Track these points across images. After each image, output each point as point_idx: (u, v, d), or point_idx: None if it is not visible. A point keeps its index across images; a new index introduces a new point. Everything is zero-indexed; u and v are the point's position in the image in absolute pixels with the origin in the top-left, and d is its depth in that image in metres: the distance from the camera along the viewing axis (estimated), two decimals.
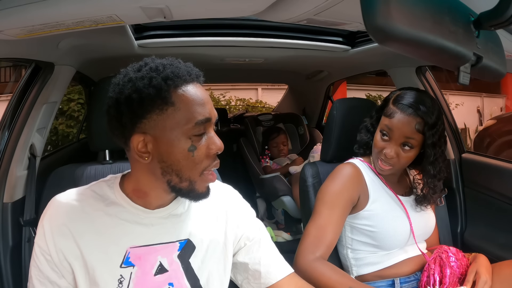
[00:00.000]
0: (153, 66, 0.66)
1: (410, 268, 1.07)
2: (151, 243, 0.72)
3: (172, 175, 0.68)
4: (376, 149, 1.06)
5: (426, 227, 1.11)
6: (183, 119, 0.65)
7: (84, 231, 0.69)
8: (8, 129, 1.15)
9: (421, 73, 1.55)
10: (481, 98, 8.75)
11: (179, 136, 0.66)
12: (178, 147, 0.66)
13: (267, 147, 2.61)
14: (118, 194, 0.72)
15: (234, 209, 0.83)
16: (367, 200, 1.07)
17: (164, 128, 0.65)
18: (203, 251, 0.76)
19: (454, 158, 1.51)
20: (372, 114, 1.13)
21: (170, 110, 0.65)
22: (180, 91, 0.66)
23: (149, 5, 0.72)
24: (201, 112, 0.66)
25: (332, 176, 1.09)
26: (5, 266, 1.06)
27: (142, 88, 0.64)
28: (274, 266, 0.82)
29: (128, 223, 0.71)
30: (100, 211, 0.71)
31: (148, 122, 0.65)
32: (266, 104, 7.40)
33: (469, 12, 0.51)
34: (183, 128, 0.65)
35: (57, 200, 0.72)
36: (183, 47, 1.56)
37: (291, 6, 0.75)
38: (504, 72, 0.58)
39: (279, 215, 2.32)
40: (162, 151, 0.66)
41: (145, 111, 0.64)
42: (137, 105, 0.64)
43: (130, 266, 0.70)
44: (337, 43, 1.68)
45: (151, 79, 0.64)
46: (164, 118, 0.65)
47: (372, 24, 0.40)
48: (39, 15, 0.69)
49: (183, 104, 0.65)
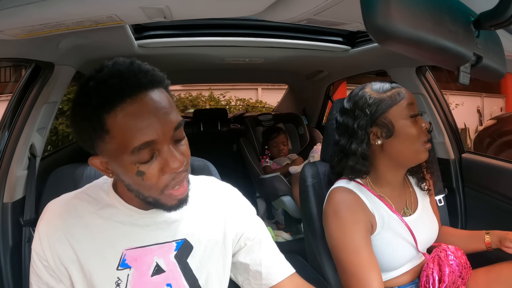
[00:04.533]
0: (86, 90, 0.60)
1: (411, 276, 1.06)
2: (146, 244, 0.71)
3: (135, 192, 0.66)
4: (422, 136, 0.95)
5: (431, 236, 1.09)
6: (119, 147, 0.60)
7: (79, 235, 0.69)
8: (8, 129, 1.15)
9: (421, 73, 1.55)
10: (481, 98, 8.74)
11: (124, 163, 0.61)
12: (127, 172, 0.62)
13: (267, 147, 2.61)
14: (112, 196, 0.72)
15: (233, 208, 0.82)
16: (375, 227, 0.99)
17: (109, 154, 0.62)
18: (201, 251, 0.75)
19: (454, 158, 1.51)
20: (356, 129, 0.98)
21: (107, 138, 0.60)
22: (112, 115, 0.58)
23: (149, 5, 0.72)
24: (138, 138, 0.58)
25: (334, 212, 0.97)
26: (5, 266, 1.06)
27: (78, 121, 0.61)
28: (275, 266, 0.81)
29: (122, 225, 0.71)
30: (94, 214, 0.71)
31: (98, 147, 0.63)
32: (266, 104, 7.40)
33: (469, 12, 0.51)
34: (122, 156, 0.60)
35: (52, 205, 0.72)
36: (183, 47, 1.56)
37: (291, 6, 0.75)
38: (504, 72, 0.58)
39: (279, 215, 2.32)
40: (117, 172, 0.65)
41: (91, 138, 0.62)
42: (81, 135, 0.63)
43: (126, 268, 0.69)
44: (337, 43, 1.68)
45: (83, 110, 0.60)
46: (105, 145, 0.61)
47: (372, 24, 0.40)
48: (39, 15, 0.69)
49: (117, 131, 0.59)
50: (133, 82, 0.59)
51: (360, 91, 1.01)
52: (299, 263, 1.26)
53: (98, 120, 0.59)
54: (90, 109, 0.59)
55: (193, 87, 7.41)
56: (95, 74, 0.61)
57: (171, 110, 0.62)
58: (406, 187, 1.10)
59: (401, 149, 0.96)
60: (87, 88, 0.60)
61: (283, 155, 2.56)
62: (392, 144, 0.97)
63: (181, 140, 0.65)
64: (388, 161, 1.00)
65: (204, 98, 7.50)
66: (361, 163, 0.98)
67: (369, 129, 0.97)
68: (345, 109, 1.02)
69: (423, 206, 1.09)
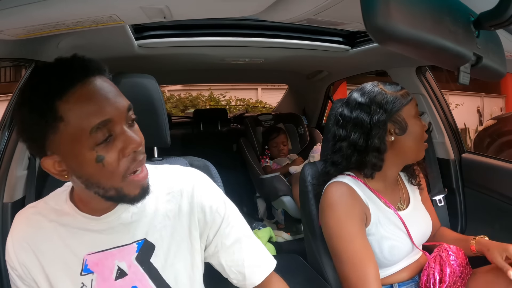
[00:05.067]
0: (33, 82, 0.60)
1: (410, 273, 1.06)
2: (106, 248, 0.71)
3: (94, 188, 0.63)
4: (424, 135, 1.01)
5: (426, 231, 1.10)
6: (76, 132, 0.58)
7: (41, 244, 0.70)
8: (8, 129, 1.15)
9: (421, 73, 1.55)
10: (481, 98, 8.75)
11: (81, 150, 0.59)
12: (85, 162, 0.60)
13: (267, 147, 2.61)
14: (68, 204, 0.72)
15: (198, 199, 0.75)
16: (370, 221, 1.00)
17: (64, 146, 0.60)
18: (164, 249, 0.72)
19: (454, 158, 1.51)
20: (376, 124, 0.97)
21: (62, 126, 0.58)
22: (64, 100, 0.58)
23: (149, 5, 0.72)
24: (96, 115, 0.58)
25: (330, 203, 1.00)
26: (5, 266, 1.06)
27: (27, 116, 0.59)
28: (258, 265, 0.78)
29: (81, 231, 0.71)
30: (55, 222, 0.71)
31: (49, 143, 0.60)
32: (266, 104, 7.40)
33: (469, 12, 0.51)
34: (81, 140, 0.59)
35: (17, 217, 0.74)
36: (183, 47, 1.56)
37: (291, 6, 0.75)
38: (504, 72, 0.58)
39: (279, 215, 2.31)
40: (73, 168, 0.62)
41: (44, 133, 0.59)
42: (36, 129, 0.59)
43: (89, 273, 0.70)
44: (337, 43, 1.68)
45: (31, 102, 0.58)
46: (59, 136, 0.59)
47: (372, 24, 0.40)
48: (39, 15, 0.69)
49: (72, 116, 0.58)
50: (81, 67, 0.61)
51: (373, 87, 1.01)
52: (299, 263, 1.26)
53: (50, 108, 0.57)
54: (39, 99, 0.57)
55: (193, 87, 7.42)
56: (40, 69, 0.61)
57: (119, 93, 0.64)
58: (398, 183, 1.12)
59: (409, 146, 1.00)
60: (34, 80, 0.60)
61: (283, 155, 2.56)
62: (403, 141, 0.99)
63: (133, 124, 0.65)
64: (395, 157, 1.02)
65: (204, 98, 7.51)
66: (381, 158, 0.99)
67: (387, 125, 0.98)
68: (359, 104, 1.00)
69: (414, 202, 1.12)
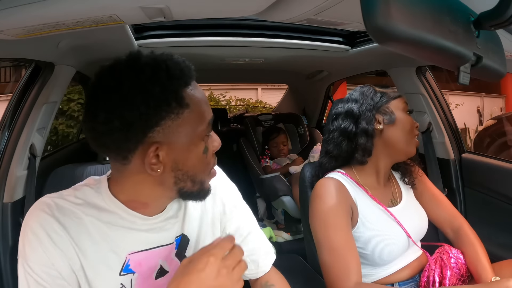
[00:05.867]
0: (154, 63, 0.59)
1: (411, 272, 1.06)
2: (150, 246, 0.68)
3: (186, 182, 0.63)
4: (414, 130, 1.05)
5: (421, 227, 1.10)
6: (197, 121, 0.61)
7: (80, 235, 0.62)
8: (8, 129, 1.15)
9: (421, 73, 1.55)
10: (481, 98, 8.75)
11: (195, 140, 0.62)
12: (195, 151, 0.62)
13: (267, 147, 2.61)
14: (110, 202, 0.65)
15: (220, 193, 0.80)
16: (357, 217, 1.02)
17: (179, 134, 0.59)
18: (194, 241, 0.74)
19: (454, 158, 1.51)
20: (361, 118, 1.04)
21: (186, 113, 0.59)
22: (189, 90, 0.60)
23: (149, 5, 0.72)
24: (209, 111, 0.64)
25: (318, 194, 1.03)
26: (5, 266, 1.06)
27: (157, 92, 0.57)
28: (268, 252, 0.82)
29: (124, 228, 0.65)
30: (91, 216, 0.64)
31: (162, 129, 0.58)
32: (266, 104, 7.41)
33: (469, 12, 0.51)
34: (198, 130, 0.61)
35: (42, 204, 0.63)
36: (183, 47, 1.56)
37: (291, 6, 0.75)
38: (504, 72, 0.58)
39: (279, 215, 2.31)
40: (177, 159, 0.61)
41: (160, 118, 0.58)
42: (152, 113, 0.57)
43: (129, 273, 0.66)
44: (337, 43, 1.68)
45: (161, 80, 0.57)
46: (179, 123, 0.59)
47: (372, 24, 0.40)
48: (39, 15, 0.69)
49: (195, 105, 0.61)
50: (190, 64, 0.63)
51: (365, 86, 1.11)
52: (299, 263, 1.27)
53: (178, 95, 0.59)
54: (170, 84, 0.58)
55: None
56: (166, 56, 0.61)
57: None
58: (390, 181, 1.14)
59: (397, 137, 1.04)
60: (165, 65, 0.59)
61: (283, 155, 2.56)
62: (391, 131, 1.04)
63: None
64: (383, 147, 1.06)
65: None
66: (370, 141, 1.04)
67: (374, 112, 1.05)
68: (350, 98, 1.10)
69: (407, 198, 1.12)
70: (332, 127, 1.10)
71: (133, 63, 0.59)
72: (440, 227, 1.17)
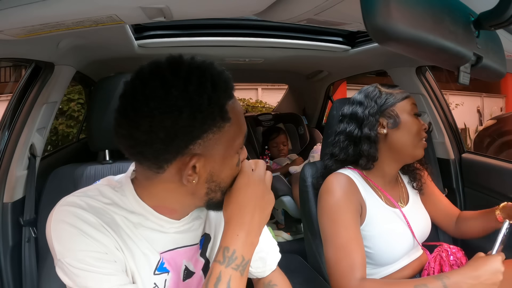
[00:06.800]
0: (199, 72, 0.56)
1: (411, 271, 1.06)
2: (177, 246, 0.68)
3: (217, 193, 0.63)
4: (421, 133, 1.03)
5: (425, 229, 1.10)
6: (236, 135, 0.61)
7: (118, 231, 0.61)
8: (8, 129, 1.15)
9: (421, 73, 1.55)
10: (481, 98, 8.75)
11: (231, 153, 0.61)
12: (229, 164, 0.62)
13: (267, 147, 2.61)
14: (138, 205, 0.64)
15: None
16: (365, 215, 1.01)
17: (218, 147, 0.59)
18: (212, 238, 0.74)
19: (454, 158, 1.51)
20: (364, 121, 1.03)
21: (227, 127, 0.58)
22: (231, 103, 0.59)
23: (149, 5, 0.72)
24: (245, 124, 0.64)
25: (328, 189, 1.01)
26: (5, 266, 1.06)
27: (204, 105, 0.55)
28: (274, 250, 0.82)
29: (152, 230, 0.65)
30: (122, 216, 0.63)
31: (203, 142, 0.57)
32: (266, 104, 7.40)
33: (469, 12, 0.51)
34: (235, 143, 0.61)
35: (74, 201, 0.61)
36: (183, 47, 1.56)
37: (291, 6, 0.75)
38: (504, 72, 0.58)
39: (279, 215, 2.31)
40: (213, 171, 0.60)
41: (203, 131, 0.56)
42: (198, 125, 0.56)
43: (164, 273, 0.65)
44: (337, 43, 1.68)
45: (207, 92, 0.55)
46: (219, 137, 0.58)
47: (372, 24, 0.40)
48: (39, 15, 0.69)
49: (235, 118, 0.60)
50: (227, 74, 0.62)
51: (371, 87, 1.08)
52: (299, 263, 1.26)
53: (222, 108, 0.57)
54: (217, 97, 0.56)
55: None
56: (208, 64, 0.59)
57: None
58: (398, 182, 1.14)
59: (403, 141, 1.02)
60: (209, 75, 0.57)
61: (283, 155, 2.56)
62: (396, 135, 1.02)
63: None
64: (388, 151, 1.04)
65: None
66: (374, 148, 1.02)
67: (378, 116, 1.02)
68: (355, 100, 1.08)
69: (414, 201, 1.12)
70: (338, 129, 1.09)
71: (178, 70, 0.56)
72: (441, 226, 1.17)
